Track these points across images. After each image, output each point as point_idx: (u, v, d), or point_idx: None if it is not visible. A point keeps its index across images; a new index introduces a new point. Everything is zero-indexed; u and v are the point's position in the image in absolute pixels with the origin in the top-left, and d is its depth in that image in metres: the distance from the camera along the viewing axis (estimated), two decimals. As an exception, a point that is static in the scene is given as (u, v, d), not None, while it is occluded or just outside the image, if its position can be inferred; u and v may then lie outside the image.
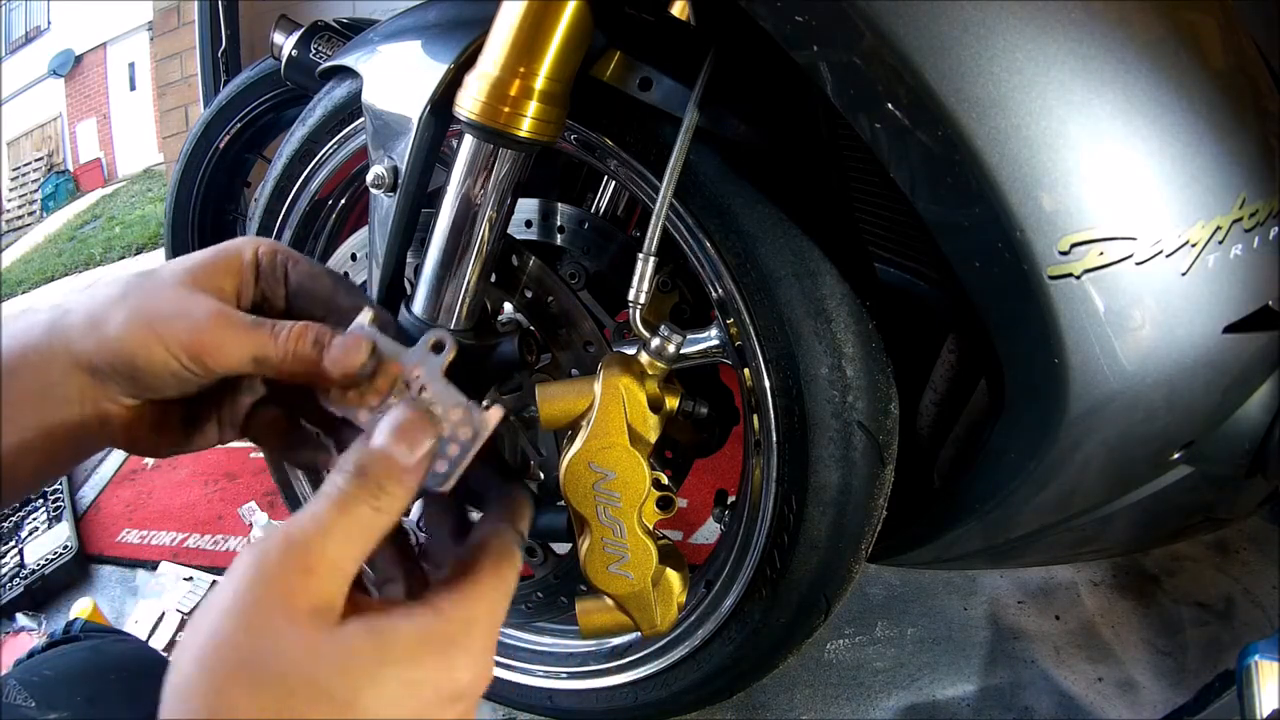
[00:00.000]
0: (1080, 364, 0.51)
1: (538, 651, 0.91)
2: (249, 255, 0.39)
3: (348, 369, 0.36)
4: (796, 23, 0.48)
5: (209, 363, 0.35)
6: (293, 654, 0.26)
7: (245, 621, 0.27)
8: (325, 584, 0.28)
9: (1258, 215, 0.51)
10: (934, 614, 1.04)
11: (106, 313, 0.35)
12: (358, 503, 0.30)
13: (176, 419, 0.39)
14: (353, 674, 0.27)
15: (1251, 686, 0.64)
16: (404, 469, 0.32)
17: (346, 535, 0.29)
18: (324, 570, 0.28)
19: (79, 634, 0.66)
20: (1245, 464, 0.65)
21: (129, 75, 5.57)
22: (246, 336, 0.36)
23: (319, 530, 0.29)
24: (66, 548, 1.32)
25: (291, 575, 0.28)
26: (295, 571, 0.28)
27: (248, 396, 0.41)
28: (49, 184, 5.65)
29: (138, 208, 4.82)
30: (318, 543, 0.28)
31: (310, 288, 0.40)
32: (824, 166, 0.63)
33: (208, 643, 0.27)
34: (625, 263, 0.74)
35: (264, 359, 0.36)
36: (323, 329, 0.37)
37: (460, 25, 0.63)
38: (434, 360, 0.36)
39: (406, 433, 0.32)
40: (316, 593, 0.28)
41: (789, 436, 0.63)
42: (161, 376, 0.35)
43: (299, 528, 0.29)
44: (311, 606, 0.27)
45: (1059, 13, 0.45)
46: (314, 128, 0.79)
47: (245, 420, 0.41)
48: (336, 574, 0.29)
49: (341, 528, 0.29)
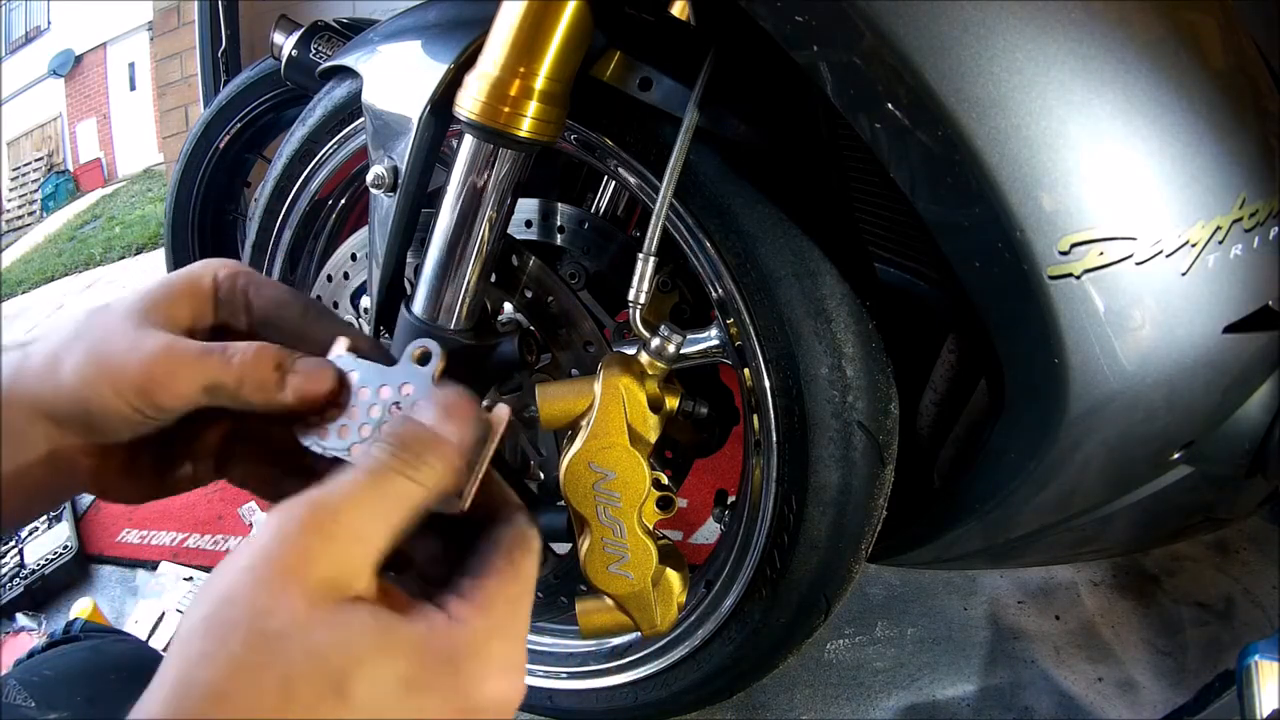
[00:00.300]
0: (1080, 364, 0.51)
1: (538, 651, 0.91)
2: (206, 282, 0.36)
3: (309, 396, 0.33)
4: (796, 23, 0.48)
5: (159, 400, 0.32)
6: (295, 618, 0.25)
7: (255, 578, 0.26)
8: (344, 554, 0.27)
9: (1258, 215, 0.51)
10: (934, 614, 1.03)
11: (61, 356, 0.33)
12: (392, 474, 0.28)
13: (146, 464, 0.37)
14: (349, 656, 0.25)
15: (1251, 686, 0.64)
16: (447, 444, 0.30)
17: (376, 506, 0.28)
18: (346, 539, 0.27)
19: (79, 634, 0.66)
20: (1245, 464, 0.65)
21: (129, 75, 5.58)
22: (196, 365, 0.33)
23: (347, 498, 0.27)
24: (66, 548, 1.32)
25: (311, 539, 0.26)
26: (315, 536, 0.26)
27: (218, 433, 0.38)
28: (49, 184, 5.66)
29: (138, 208, 4.82)
30: (345, 510, 0.27)
31: (276, 315, 0.37)
32: (824, 166, 0.63)
33: (216, 595, 0.26)
34: (625, 263, 0.74)
35: (217, 386, 0.33)
36: (283, 351, 0.34)
37: (460, 25, 0.63)
38: (422, 373, 0.33)
39: (453, 409, 0.31)
40: (333, 561, 0.26)
41: (789, 436, 0.63)
42: (116, 421, 0.33)
43: (327, 493, 0.27)
44: (325, 575, 0.26)
45: (1059, 13, 0.45)
46: (314, 128, 0.79)
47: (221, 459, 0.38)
48: (359, 545, 0.27)
49: (371, 498, 0.28)
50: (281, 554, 0.26)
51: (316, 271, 0.87)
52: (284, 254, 0.88)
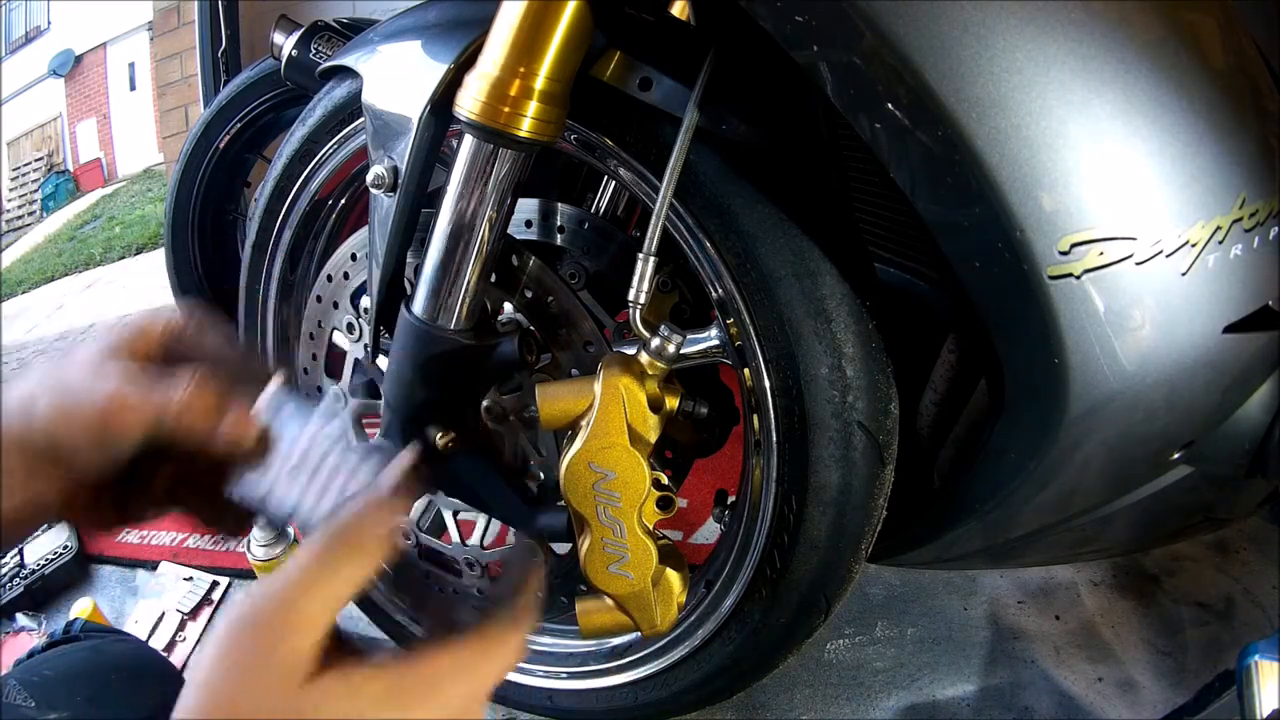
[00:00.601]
0: (1080, 364, 0.51)
1: (538, 651, 0.91)
2: (159, 326, 0.41)
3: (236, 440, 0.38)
4: (796, 23, 0.48)
5: (116, 430, 0.37)
6: (274, 706, 0.29)
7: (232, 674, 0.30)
8: (305, 640, 0.31)
9: (1258, 215, 0.51)
10: (934, 614, 1.04)
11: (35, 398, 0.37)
12: (339, 563, 0.32)
13: (108, 498, 0.41)
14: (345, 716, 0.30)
15: (1251, 686, 0.64)
16: (381, 535, 0.34)
17: (326, 594, 0.32)
18: (305, 627, 0.31)
19: (79, 634, 0.66)
20: (1245, 464, 0.65)
21: (129, 75, 5.58)
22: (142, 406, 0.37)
23: (301, 589, 0.31)
24: (66, 548, 1.32)
25: (276, 631, 0.30)
26: (280, 628, 0.31)
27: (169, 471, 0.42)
28: (49, 184, 5.66)
29: (138, 208, 4.82)
30: (302, 602, 0.31)
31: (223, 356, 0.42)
32: (824, 166, 0.63)
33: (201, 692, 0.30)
34: (625, 263, 0.74)
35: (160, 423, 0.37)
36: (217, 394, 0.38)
37: (460, 25, 0.63)
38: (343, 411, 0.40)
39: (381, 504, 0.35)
40: (298, 648, 0.30)
41: (789, 436, 0.63)
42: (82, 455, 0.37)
43: (284, 584, 0.31)
44: (292, 662, 0.30)
45: (1059, 13, 0.45)
46: (314, 128, 0.79)
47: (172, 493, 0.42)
48: (315, 630, 0.31)
49: (322, 587, 0.32)
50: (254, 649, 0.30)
51: (316, 271, 0.87)
52: (284, 254, 0.88)
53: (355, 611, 1.05)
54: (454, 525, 0.89)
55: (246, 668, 0.30)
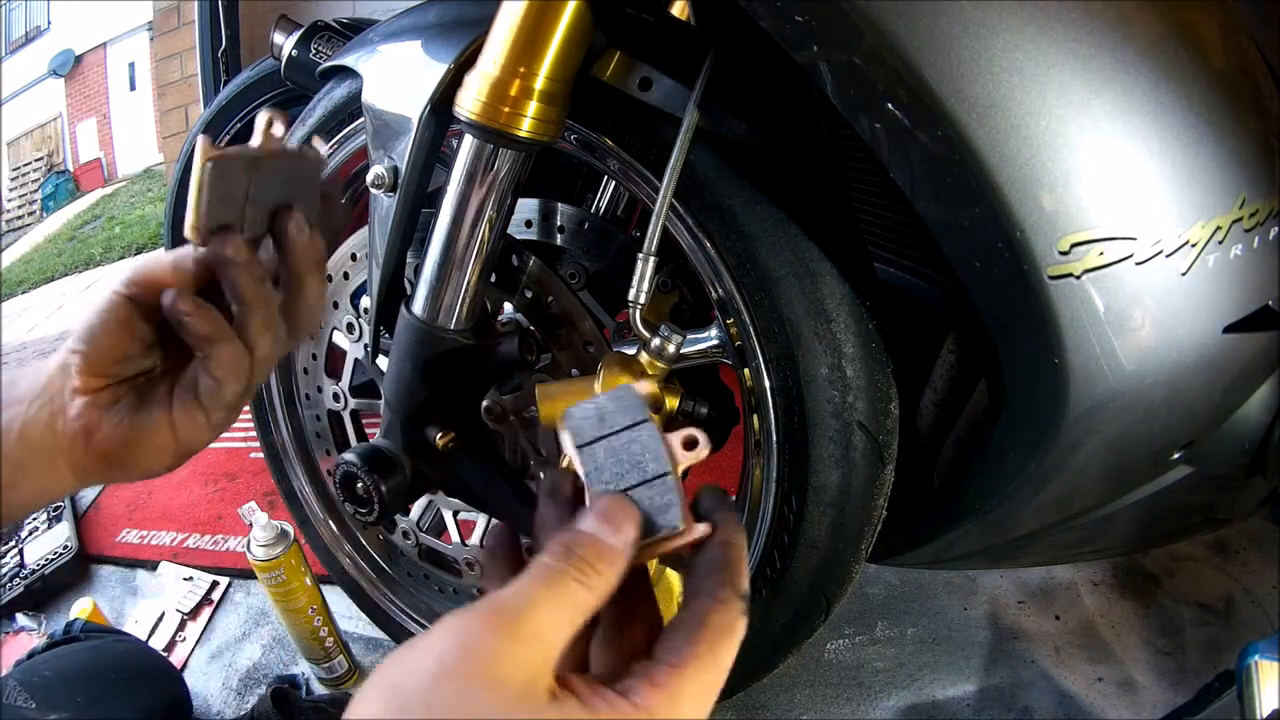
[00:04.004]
0: (1080, 364, 0.51)
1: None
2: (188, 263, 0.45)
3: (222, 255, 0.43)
4: (796, 23, 0.48)
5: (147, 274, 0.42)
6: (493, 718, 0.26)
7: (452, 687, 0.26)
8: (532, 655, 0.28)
9: (1258, 215, 0.51)
10: (934, 614, 1.03)
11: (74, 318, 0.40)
12: (566, 579, 0.30)
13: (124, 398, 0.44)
14: None
15: (1251, 686, 0.64)
16: (613, 550, 0.31)
17: (554, 610, 0.29)
18: (530, 640, 0.28)
19: (79, 634, 0.66)
20: (1245, 464, 0.65)
21: (129, 75, 5.57)
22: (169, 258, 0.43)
23: (526, 603, 0.29)
24: (66, 548, 1.32)
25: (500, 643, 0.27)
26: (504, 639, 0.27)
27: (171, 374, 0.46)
28: (49, 184, 5.65)
29: (138, 208, 4.82)
30: (526, 614, 0.28)
31: None
32: (824, 166, 0.63)
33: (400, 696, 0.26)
34: (625, 263, 0.74)
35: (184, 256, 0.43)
36: None
37: (460, 25, 0.63)
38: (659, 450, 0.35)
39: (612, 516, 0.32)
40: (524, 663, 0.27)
41: (789, 436, 0.63)
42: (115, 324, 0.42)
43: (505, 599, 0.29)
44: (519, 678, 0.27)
45: (1059, 13, 0.45)
46: (314, 128, 0.79)
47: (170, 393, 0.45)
48: (541, 645, 0.28)
49: (549, 602, 0.29)
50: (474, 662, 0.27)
51: (316, 271, 0.87)
52: (284, 254, 0.88)
53: (355, 611, 1.05)
54: (454, 525, 0.89)
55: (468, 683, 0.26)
